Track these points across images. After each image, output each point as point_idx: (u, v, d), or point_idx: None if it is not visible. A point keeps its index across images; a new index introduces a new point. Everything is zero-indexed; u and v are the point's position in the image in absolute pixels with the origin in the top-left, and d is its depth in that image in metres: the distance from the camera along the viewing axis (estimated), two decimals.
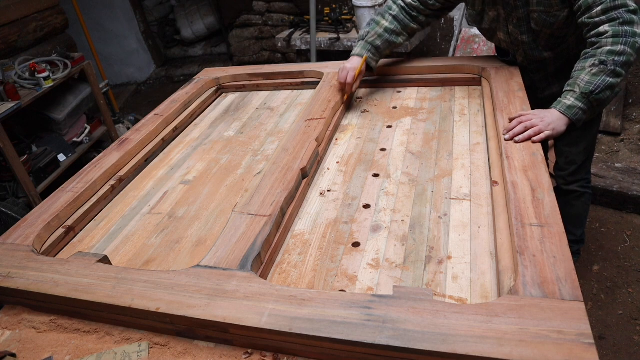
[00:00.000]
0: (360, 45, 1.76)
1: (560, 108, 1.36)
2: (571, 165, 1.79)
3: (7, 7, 3.25)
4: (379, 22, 1.75)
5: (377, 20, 1.77)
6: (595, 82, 1.32)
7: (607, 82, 1.31)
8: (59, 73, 3.18)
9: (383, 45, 1.75)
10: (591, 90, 1.32)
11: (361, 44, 1.76)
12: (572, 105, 1.35)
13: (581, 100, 1.34)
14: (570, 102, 1.35)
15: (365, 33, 1.77)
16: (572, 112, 1.35)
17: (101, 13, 5.33)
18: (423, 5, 1.72)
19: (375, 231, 1.16)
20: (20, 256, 1.13)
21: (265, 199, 1.21)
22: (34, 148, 3.20)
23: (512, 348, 0.74)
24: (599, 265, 2.36)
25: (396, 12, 1.74)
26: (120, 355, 0.91)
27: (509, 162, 1.20)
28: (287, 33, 4.14)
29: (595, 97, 1.33)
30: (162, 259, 1.18)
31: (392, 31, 1.74)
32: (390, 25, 1.74)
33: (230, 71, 2.16)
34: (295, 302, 0.88)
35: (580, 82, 1.34)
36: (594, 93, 1.32)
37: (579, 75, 1.35)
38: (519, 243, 0.95)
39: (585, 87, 1.33)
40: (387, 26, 1.74)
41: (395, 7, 1.75)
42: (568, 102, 1.35)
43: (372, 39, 1.74)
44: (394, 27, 1.74)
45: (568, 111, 1.35)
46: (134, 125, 1.77)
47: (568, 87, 1.38)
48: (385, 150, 1.50)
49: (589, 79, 1.33)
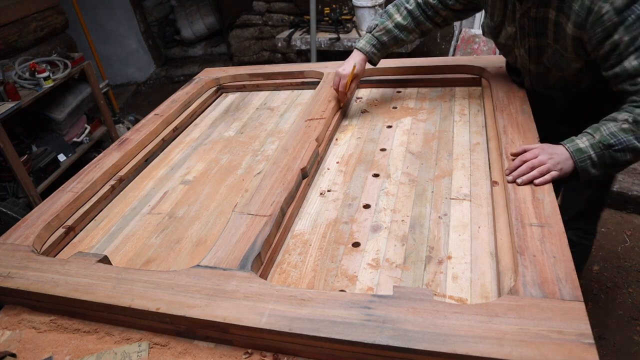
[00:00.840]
0: (366, 38, 1.65)
1: (569, 147, 1.16)
2: (569, 210, 1.64)
3: (7, 7, 3.25)
4: (391, 15, 1.61)
5: (390, 13, 1.62)
6: (619, 137, 1.12)
7: (632, 143, 1.12)
8: (59, 73, 3.18)
9: (390, 41, 1.63)
10: (610, 144, 1.12)
11: (367, 37, 1.65)
12: (584, 150, 1.15)
13: (596, 149, 1.14)
14: (583, 146, 1.15)
15: (374, 25, 1.64)
16: (579, 158, 1.15)
17: (101, 13, 5.33)
18: (442, 4, 1.55)
19: (375, 231, 1.16)
20: (20, 256, 1.13)
21: (265, 199, 1.21)
22: (34, 148, 3.20)
23: (512, 348, 0.74)
24: (599, 265, 2.36)
25: (412, 7, 1.58)
26: (120, 355, 0.91)
27: (509, 162, 1.20)
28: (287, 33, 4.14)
29: (612, 154, 1.13)
30: (162, 259, 1.18)
31: (403, 27, 1.60)
32: (403, 21, 1.59)
33: (230, 71, 2.16)
34: (295, 302, 0.88)
35: (603, 130, 1.14)
36: (612, 148, 1.12)
37: (605, 124, 1.15)
38: (519, 243, 0.95)
39: (607, 137, 1.13)
40: (399, 21, 1.60)
41: (413, 1, 1.60)
42: (580, 145, 1.16)
43: (379, 33, 1.62)
44: (407, 23, 1.59)
45: (576, 154, 1.15)
46: (134, 125, 1.77)
47: (589, 130, 1.18)
48: (385, 150, 1.50)
49: (614, 130, 1.13)
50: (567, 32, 1.21)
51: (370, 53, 1.63)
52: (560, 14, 1.22)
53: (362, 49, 1.63)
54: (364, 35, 1.67)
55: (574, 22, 1.17)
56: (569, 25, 1.20)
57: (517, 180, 1.13)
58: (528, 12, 1.29)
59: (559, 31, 1.25)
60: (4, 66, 3.08)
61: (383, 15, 1.64)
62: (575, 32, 1.19)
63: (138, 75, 5.81)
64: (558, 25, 1.25)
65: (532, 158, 1.14)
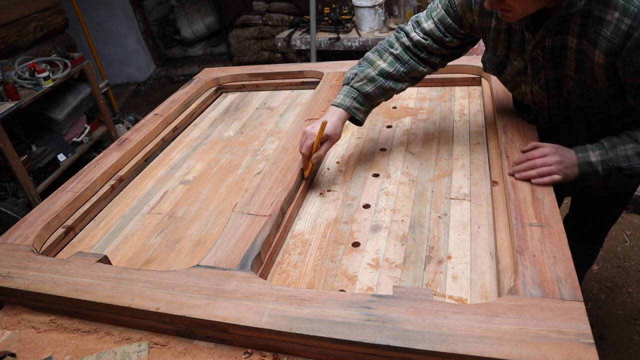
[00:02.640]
0: (343, 91, 1.32)
1: (580, 157, 1.09)
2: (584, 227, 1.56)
3: (7, 7, 3.25)
4: (372, 62, 1.32)
5: (370, 60, 1.33)
6: (633, 162, 1.05)
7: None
8: (58, 73, 3.18)
9: (375, 92, 1.31)
10: (621, 167, 1.06)
11: (344, 90, 1.32)
12: (594, 164, 1.08)
13: (605, 166, 1.07)
14: (594, 160, 1.08)
15: (351, 75, 1.33)
16: (586, 170, 1.09)
17: (101, 13, 5.33)
18: (437, 43, 1.28)
19: (375, 231, 1.16)
20: (20, 256, 1.13)
21: (265, 199, 1.21)
22: (33, 148, 3.20)
23: (512, 348, 0.74)
24: (599, 265, 2.36)
25: (399, 51, 1.30)
26: (120, 355, 0.91)
27: (509, 162, 1.20)
28: (287, 33, 4.14)
29: (619, 175, 1.07)
30: (162, 259, 1.18)
31: (389, 75, 1.30)
32: (388, 68, 1.30)
33: (230, 71, 2.16)
34: (295, 302, 0.88)
35: (619, 150, 1.06)
36: (622, 171, 1.06)
37: (624, 142, 1.07)
38: (519, 243, 0.95)
39: (620, 159, 1.06)
40: (383, 68, 1.30)
41: (398, 44, 1.31)
42: (592, 158, 1.08)
43: (359, 83, 1.30)
44: (393, 70, 1.30)
45: (584, 166, 1.09)
46: (134, 125, 1.77)
47: (605, 143, 1.09)
48: (385, 150, 1.50)
49: (630, 154, 1.05)
50: (596, 61, 1.03)
51: (351, 108, 1.30)
52: (583, 41, 1.04)
53: (341, 104, 1.29)
54: (341, 90, 1.34)
55: (606, 49, 0.99)
56: (596, 53, 1.02)
57: (515, 175, 1.11)
58: (542, 42, 1.10)
59: (583, 60, 1.08)
60: (4, 66, 3.08)
61: (362, 64, 1.34)
62: (607, 60, 1.01)
63: (138, 75, 5.80)
64: (581, 53, 1.07)
65: (538, 156, 1.10)
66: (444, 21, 1.25)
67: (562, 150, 1.10)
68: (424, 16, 1.30)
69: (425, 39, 1.28)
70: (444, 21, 1.25)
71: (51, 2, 3.63)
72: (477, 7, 1.18)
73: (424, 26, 1.28)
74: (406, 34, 1.31)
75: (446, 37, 1.26)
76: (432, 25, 1.27)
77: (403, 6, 3.83)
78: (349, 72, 1.34)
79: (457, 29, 1.25)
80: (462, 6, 1.21)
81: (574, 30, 1.04)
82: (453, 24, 1.25)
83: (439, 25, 1.26)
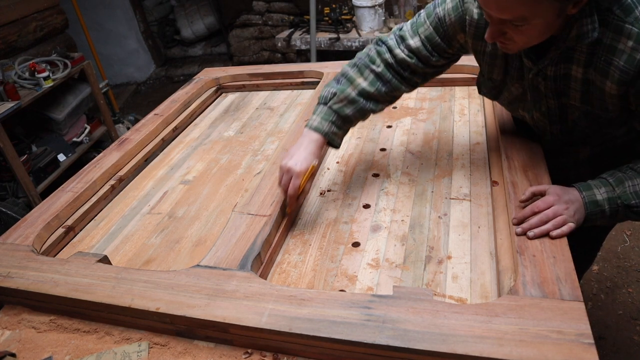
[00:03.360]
0: (321, 113, 1.18)
1: (585, 196, 1.00)
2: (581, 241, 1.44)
3: (7, 7, 3.25)
4: (352, 80, 1.18)
5: (350, 77, 1.19)
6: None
7: None
8: (58, 73, 3.18)
9: (355, 114, 1.19)
10: (630, 205, 0.97)
11: (322, 112, 1.18)
12: (600, 203, 0.99)
13: (612, 204, 0.99)
14: (600, 198, 0.99)
15: (329, 95, 1.18)
16: (592, 209, 1.00)
17: (101, 13, 5.33)
18: (422, 62, 1.17)
19: (375, 231, 1.16)
20: (20, 256, 1.13)
21: (265, 199, 1.21)
22: (33, 148, 3.20)
23: (512, 348, 0.74)
24: (599, 265, 2.36)
25: (381, 69, 1.17)
26: (120, 355, 0.91)
27: (509, 162, 1.20)
28: (287, 33, 4.15)
29: (628, 213, 1.00)
30: (162, 259, 1.18)
31: (370, 96, 1.18)
32: (369, 88, 1.17)
33: (230, 71, 2.16)
34: (295, 302, 0.88)
35: (627, 186, 0.98)
36: (632, 209, 0.98)
37: (632, 177, 0.98)
38: (519, 243, 0.95)
39: (629, 196, 0.97)
40: (364, 87, 1.17)
41: (380, 61, 1.18)
42: (597, 197, 0.99)
43: (339, 105, 1.17)
44: (374, 90, 1.18)
45: (590, 206, 0.99)
46: (134, 125, 1.77)
47: (610, 179, 1.01)
48: (385, 150, 1.50)
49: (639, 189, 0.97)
50: (608, 91, 0.96)
51: (329, 134, 1.18)
52: (590, 71, 0.97)
53: (319, 129, 1.17)
54: (316, 109, 1.20)
55: (619, 79, 0.92)
56: (607, 83, 0.95)
57: (528, 234, 0.96)
58: (544, 70, 1.03)
59: (589, 90, 1.00)
60: (4, 66, 3.08)
61: (341, 81, 1.20)
62: (620, 90, 0.94)
63: (138, 75, 5.80)
64: (588, 83, 0.99)
65: (545, 208, 0.98)
66: (431, 39, 1.14)
67: (565, 195, 1.00)
68: (408, 31, 1.17)
69: (411, 57, 1.16)
70: (432, 39, 1.14)
71: (51, 2, 3.63)
72: (472, 30, 1.09)
73: (409, 43, 1.16)
74: (389, 50, 1.18)
75: (433, 56, 1.16)
76: (418, 42, 1.15)
77: (403, 6, 3.83)
78: (324, 90, 1.20)
79: (445, 49, 1.16)
80: (453, 27, 1.11)
81: (579, 59, 0.97)
82: (442, 43, 1.14)
83: (426, 43, 1.15)
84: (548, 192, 1.01)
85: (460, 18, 1.09)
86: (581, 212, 0.99)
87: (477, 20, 1.06)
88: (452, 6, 1.10)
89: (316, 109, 1.20)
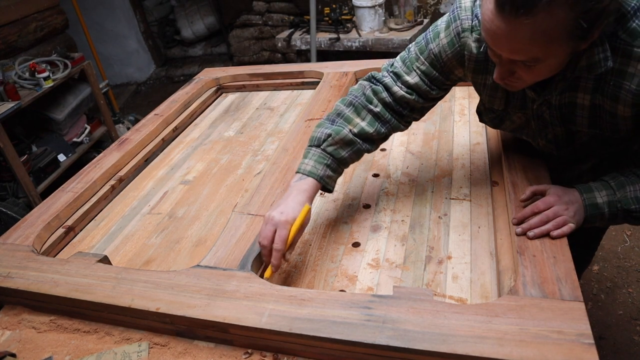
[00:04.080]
0: (314, 156, 1.09)
1: (586, 198, 0.99)
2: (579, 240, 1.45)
3: (7, 7, 3.25)
4: (350, 120, 1.11)
5: (347, 117, 1.12)
6: None
7: None
8: (59, 73, 3.18)
9: (351, 156, 1.12)
10: (630, 210, 0.97)
11: (316, 155, 1.09)
12: (600, 206, 0.98)
13: (612, 207, 0.98)
14: (600, 201, 0.98)
15: (324, 136, 1.09)
16: (592, 213, 0.99)
17: (101, 13, 5.33)
18: (423, 97, 1.13)
19: (375, 231, 1.16)
20: (20, 256, 1.13)
21: (265, 199, 1.21)
22: (34, 148, 3.20)
23: (512, 348, 0.74)
24: (599, 265, 2.36)
25: (379, 109, 1.12)
26: (120, 355, 0.91)
27: (509, 162, 1.20)
28: (287, 33, 4.14)
29: (627, 217, 0.99)
30: (162, 259, 1.18)
31: (368, 137, 1.12)
32: (368, 128, 1.11)
33: (230, 71, 2.16)
34: (295, 302, 0.88)
35: (628, 191, 0.97)
36: (632, 214, 0.97)
37: (633, 182, 0.98)
38: (519, 243, 0.95)
39: (629, 201, 0.96)
40: (363, 128, 1.11)
41: (377, 100, 1.13)
42: (598, 200, 0.98)
43: (332, 147, 1.09)
44: (373, 130, 1.11)
45: (590, 209, 0.98)
46: (134, 125, 1.77)
47: (611, 182, 1.00)
48: (385, 150, 1.50)
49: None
50: (621, 114, 0.94)
51: (324, 178, 1.08)
52: (598, 96, 0.95)
53: (313, 173, 1.07)
54: (306, 152, 1.11)
55: (633, 102, 0.90)
56: (619, 107, 0.93)
57: (528, 234, 0.96)
58: (549, 100, 1.01)
59: (597, 115, 0.99)
60: (4, 66, 3.08)
61: (336, 121, 1.12)
62: (634, 111, 0.92)
63: (138, 75, 5.80)
64: (595, 109, 0.98)
65: (545, 208, 0.98)
66: (429, 74, 1.10)
67: (565, 196, 0.99)
68: (402, 68, 1.13)
69: (410, 94, 1.12)
70: (430, 74, 1.10)
71: (51, 2, 3.63)
72: (472, 65, 1.06)
73: (406, 79, 1.12)
74: (386, 88, 1.13)
75: (433, 90, 1.12)
76: (416, 78, 1.11)
77: (403, 6, 3.83)
78: (316, 131, 1.11)
79: (444, 81, 1.12)
80: (450, 62, 1.08)
81: (585, 87, 0.95)
82: (440, 77, 1.11)
83: (424, 78, 1.11)
84: (548, 192, 1.00)
85: (457, 53, 1.06)
86: (581, 213, 0.98)
87: (477, 55, 1.03)
88: (448, 42, 1.06)
89: (307, 153, 1.10)
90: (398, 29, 3.74)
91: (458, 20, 1.04)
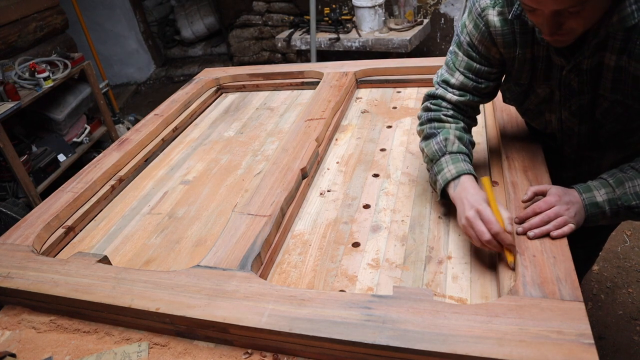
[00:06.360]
0: (448, 161, 1.11)
1: (585, 198, 0.99)
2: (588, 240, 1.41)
3: (7, 7, 3.25)
4: (442, 126, 1.16)
5: (437, 125, 1.16)
6: None
7: None
8: (59, 73, 3.18)
9: (470, 148, 1.17)
10: (631, 206, 0.96)
11: (448, 160, 1.11)
12: (600, 204, 0.98)
13: (612, 205, 0.98)
14: (600, 200, 0.98)
15: (442, 143, 1.12)
16: (592, 212, 0.99)
17: (101, 13, 5.33)
18: (474, 94, 1.16)
19: (375, 231, 1.16)
20: (20, 256, 1.13)
21: (265, 199, 1.21)
22: (34, 148, 3.20)
23: (512, 348, 0.74)
24: (599, 265, 2.36)
25: (452, 122, 1.16)
26: (120, 355, 0.91)
27: (509, 162, 1.20)
28: (287, 33, 4.15)
29: (628, 214, 0.99)
30: (162, 259, 1.18)
31: (465, 129, 1.18)
32: (459, 124, 1.17)
33: (230, 71, 2.16)
34: (295, 302, 0.88)
35: (628, 187, 0.97)
36: (633, 210, 0.97)
37: (632, 178, 0.97)
38: (519, 243, 0.95)
39: (630, 197, 0.96)
40: (458, 125, 1.16)
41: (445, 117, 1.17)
42: (598, 199, 0.98)
43: (457, 145, 1.12)
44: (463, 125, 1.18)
45: (591, 208, 0.98)
46: (134, 125, 1.77)
47: (610, 180, 0.99)
48: (385, 150, 1.50)
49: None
50: None
51: (471, 170, 1.10)
52: (624, 57, 0.94)
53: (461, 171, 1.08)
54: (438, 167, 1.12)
55: None
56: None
57: (528, 234, 0.96)
58: (579, 65, 1.00)
59: (620, 79, 0.98)
60: (4, 66, 3.08)
61: (436, 135, 1.15)
62: None
63: (138, 75, 5.80)
64: (620, 71, 0.96)
65: (546, 208, 0.98)
66: (471, 68, 1.13)
67: (565, 196, 0.99)
68: (447, 72, 1.18)
69: (463, 95, 1.15)
70: (472, 68, 1.13)
71: (51, 2, 3.63)
72: (501, 39, 1.07)
73: (452, 82, 1.16)
74: (443, 99, 1.18)
75: (480, 83, 1.14)
76: (460, 77, 1.14)
77: (403, 6, 3.83)
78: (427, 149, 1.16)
79: (489, 71, 1.14)
80: (483, 44, 1.10)
81: (613, 46, 0.94)
82: (482, 67, 1.13)
83: (467, 74, 1.14)
84: (549, 192, 1.00)
85: (484, 33, 1.08)
86: (581, 213, 0.99)
87: (501, 27, 1.05)
88: (473, 26, 1.10)
89: (438, 166, 1.12)
90: (398, 29, 3.74)
91: (477, 3, 1.08)
